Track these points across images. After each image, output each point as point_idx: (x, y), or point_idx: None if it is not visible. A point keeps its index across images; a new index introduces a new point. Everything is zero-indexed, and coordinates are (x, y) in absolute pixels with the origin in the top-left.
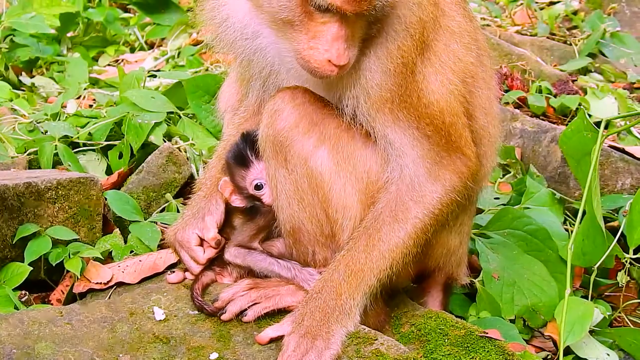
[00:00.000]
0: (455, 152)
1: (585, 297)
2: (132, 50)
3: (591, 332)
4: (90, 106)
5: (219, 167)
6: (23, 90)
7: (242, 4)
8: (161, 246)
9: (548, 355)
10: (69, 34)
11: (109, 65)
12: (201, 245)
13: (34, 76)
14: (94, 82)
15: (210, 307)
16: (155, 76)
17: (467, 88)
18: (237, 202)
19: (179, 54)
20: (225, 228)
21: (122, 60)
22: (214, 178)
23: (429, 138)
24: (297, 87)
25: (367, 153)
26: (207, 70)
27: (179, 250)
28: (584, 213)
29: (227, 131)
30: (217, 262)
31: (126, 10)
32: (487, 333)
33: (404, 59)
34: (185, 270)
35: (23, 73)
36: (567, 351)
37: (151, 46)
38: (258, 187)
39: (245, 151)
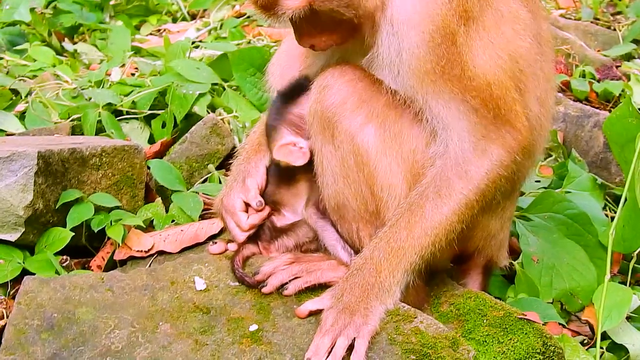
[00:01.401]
0: (504, 126)
1: (624, 283)
2: (175, 21)
3: (628, 318)
4: (133, 75)
5: (259, 133)
6: (65, 57)
7: None
8: (202, 217)
9: (584, 339)
10: (111, 2)
11: (150, 34)
12: (246, 211)
13: (76, 42)
14: (136, 51)
15: (251, 279)
16: (198, 47)
17: (519, 68)
18: (299, 159)
19: (221, 25)
20: (273, 198)
21: (165, 30)
22: (254, 143)
23: (476, 111)
24: (347, 64)
25: (415, 132)
26: (249, 42)
27: (225, 216)
28: (625, 199)
29: None
30: (263, 235)
31: None
32: (525, 315)
33: (442, 29)
34: (228, 241)
35: (66, 39)
36: (604, 336)
37: (193, 17)
38: None
39: (305, 81)
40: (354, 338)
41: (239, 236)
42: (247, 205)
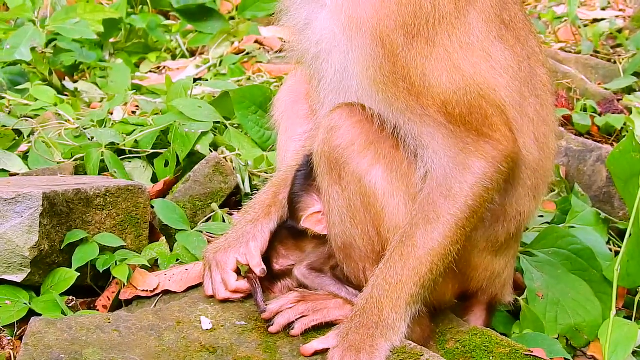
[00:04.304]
0: (481, 137)
1: (629, 317)
2: (174, 58)
3: (634, 353)
4: (134, 112)
5: (270, 194)
6: (66, 95)
7: None
8: None
9: None
10: (111, 40)
11: (150, 71)
12: (236, 271)
13: (76, 81)
14: (137, 89)
15: (263, 306)
16: (198, 84)
17: (497, 97)
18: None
19: (220, 62)
20: (272, 253)
21: (164, 68)
22: (264, 204)
23: (444, 126)
24: (354, 104)
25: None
26: (249, 79)
27: (214, 269)
28: (630, 234)
29: (288, 163)
30: (266, 276)
31: (168, 18)
32: (532, 352)
33: (382, 40)
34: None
35: (66, 78)
36: None
37: (192, 54)
38: None
39: None
40: None
41: (222, 294)
42: (239, 265)
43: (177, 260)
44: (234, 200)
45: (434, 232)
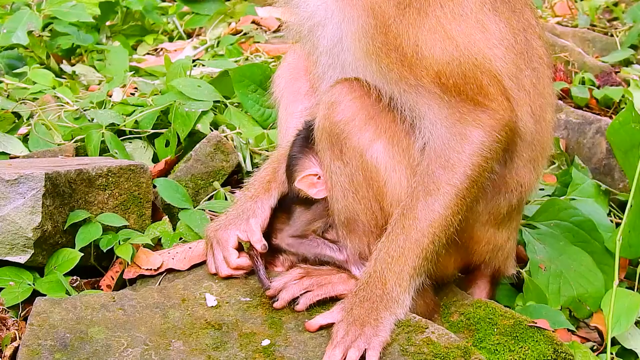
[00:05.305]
0: (477, 107)
1: (631, 288)
2: (171, 40)
3: (637, 323)
4: (132, 94)
5: (270, 170)
6: (64, 79)
7: None
8: None
9: (593, 345)
10: (108, 23)
11: (147, 54)
12: (237, 248)
13: (74, 64)
14: (135, 71)
15: (267, 283)
16: (196, 64)
17: (492, 67)
18: (321, 193)
19: (218, 43)
20: (272, 228)
21: (161, 50)
22: (264, 180)
23: (439, 97)
24: (354, 80)
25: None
26: (247, 59)
27: (215, 247)
28: (631, 205)
29: (288, 139)
30: (268, 251)
31: (164, 0)
32: (535, 323)
33: (373, 11)
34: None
35: (64, 61)
36: (613, 342)
37: (189, 35)
38: None
39: None
40: (365, 349)
41: (224, 271)
42: (240, 242)
43: (181, 238)
44: (235, 179)
45: (434, 204)
